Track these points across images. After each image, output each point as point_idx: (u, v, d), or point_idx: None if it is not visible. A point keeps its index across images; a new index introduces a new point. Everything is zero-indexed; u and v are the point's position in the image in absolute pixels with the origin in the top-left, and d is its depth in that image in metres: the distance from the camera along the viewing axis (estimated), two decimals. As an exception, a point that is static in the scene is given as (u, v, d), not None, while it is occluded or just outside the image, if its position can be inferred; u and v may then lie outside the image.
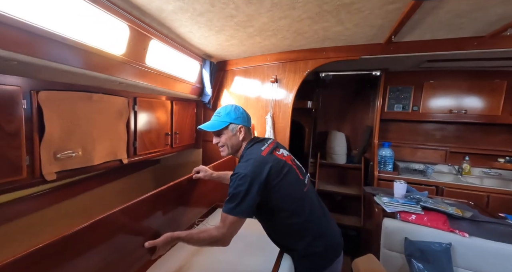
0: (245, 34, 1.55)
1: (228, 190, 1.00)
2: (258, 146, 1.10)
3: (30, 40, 0.76)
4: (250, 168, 0.98)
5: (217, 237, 0.97)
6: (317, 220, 1.08)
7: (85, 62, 0.97)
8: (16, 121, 0.91)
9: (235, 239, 1.02)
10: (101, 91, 1.24)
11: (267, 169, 0.99)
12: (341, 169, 3.05)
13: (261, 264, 1.19)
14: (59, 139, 1.07)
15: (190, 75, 1.80)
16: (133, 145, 1.49)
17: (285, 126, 2.05)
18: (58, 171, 1.08)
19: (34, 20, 0.76)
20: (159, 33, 1.30)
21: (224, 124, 1.11)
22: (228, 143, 1.13)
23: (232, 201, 0.96)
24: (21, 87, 0.91)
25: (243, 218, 0.98)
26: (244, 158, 1.08)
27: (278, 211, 1.03)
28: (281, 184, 1.01)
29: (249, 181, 0.96)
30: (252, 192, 0.96)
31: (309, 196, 1.11)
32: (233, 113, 1.12)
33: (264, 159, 1.03)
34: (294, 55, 1.99)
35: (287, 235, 1.08)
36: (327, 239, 1.09)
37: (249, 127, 1.17)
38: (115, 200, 1.82)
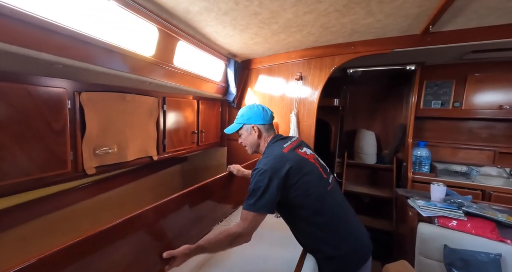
0: (270, 31, 1.54)
1: (249, 186, 1.01)
2: (280, 143, 1.11)
3: (72, 45, 0.83)
4: (270, 164, 0.99)
5: (237, 233, 0.97)
6: (341, 221, 1.05)
7: (120, 64, 1.04)
8: (62, 120, 1.00)
9: (258, 237, 1.02)
10: (133, 91, 1.32)
11: (287, 166, 0.98)
12: (370, 169, 2.89)
13: (283, 263, 1.17)
14: (98, 136, 1.16)
15: (215, 74, 1.83)
16: (162, 143, 1.56)
17: (310, 124, 2.00)
18: (97, 166, 1.17)
19: (76, 26, 0.83)
20: (186, 34, 1.34)
21: (238, 126, 1.18)
22: (247, 143, 1.19)
23: (252, 197, 0.97)
24: (66, 89, 1.00)
25: (263, 213, 0.98)
26: (266, 154, 1.09)
27: (299, 209, 1.02)
28: (301, 181, 0.99)
29: (269, 176, 0.96)
30: (271, 187, 0.95)
31: (333, 195, 1.08)
32: (246, 114, 1.18)
33: (284, 155, 1.03)
34: (319, 51, 1.92)
35: (310, 235, 1.06)
36: (353, 242, 1.04)
37: (265, 124, 1.18)
38: (147, 194, 1.94)
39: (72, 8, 0.79)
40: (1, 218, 1.06)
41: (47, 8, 0.72)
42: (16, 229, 1.13)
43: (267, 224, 1.46)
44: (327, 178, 1.10)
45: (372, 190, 2.74)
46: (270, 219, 1.59)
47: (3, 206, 1.06)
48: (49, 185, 1.04)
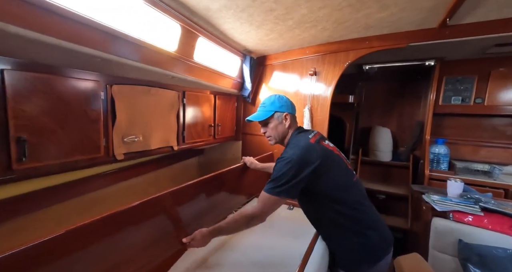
0: (285, 27, 1.59)
1: (273, 173, 1.01)
2: (305, 134, 1.11)
3: (108, 40, 0.93)
4: (298, 153, 0.99)
5: (254, 213, 1.01)
6: (368, 211, 1.06)
7: (146, 58, 1.14)
8: (97, 110, 1.12)
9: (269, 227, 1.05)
10: (157, 85, 1.43)
11: (315, 156, 0.98)
12: (386, 167, 2.86)
13: (294, 252, 1.21)
14: (126, 126, 1.28)
15: (231, 70, 1.92)
16: (182, 134, 1.66)
17: (323, 119, 2.03)
18: (125, 153, 1.29)
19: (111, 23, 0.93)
20: (205, 31, 1.43)
21: (269, 113, 1.14)
22: (275, 132, 1.16)
23: (275, 182, 0.98)
24: (100, 82, 1.12)
25: (284, 198, 0.99)
26: (292, 144, 1.09)
27: (327, 199, 1.02)
28: (331, 171, 1.01)
29: (297, 165, 0.96)
30: (298, 176, 0.96)
31: (358, 186, 1.11)
32: (277, 101, 1.15)
33: (312, 146, 1.03)
34: (334, 47, 1.95)
35: (336, 224, 1.05)
36: (379, 231, 1.05)
37: (294, 114, 1.19)
38: (167, 183, 2.05)
39: (108, 7, 0.89)
40: (44, 196, 1.20)
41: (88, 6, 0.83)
42: (56, 206, 1.27)
43: (280, 216, 1.52)
44: (351, 169, 1.13)
45: (387, 188, 2.71)
46: (284, 211, 1.64)
47: (47, 185, 1.20)
48: (85, 167, 1.16)
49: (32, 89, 0.87)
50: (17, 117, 0.84)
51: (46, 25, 0.73)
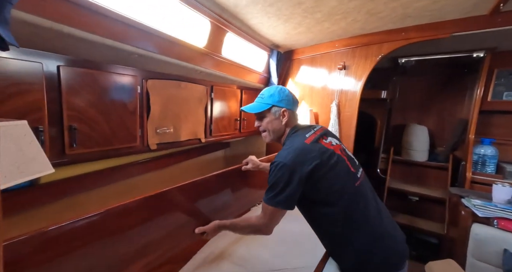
0: (313, 20, 1.56)
1: (268, 179, 0.94)
2: (302, 133, 1.00)
3: (145, 37, 1.01)
4: (290, 157, 0.90)
5: (258, 226, 0.97)
6: (371, 222, 0.92)
7: (178, 53, 1.21)
8: (134, 102, 1.22)
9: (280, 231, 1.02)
10: (187, 80, 1.50)
11: (310, 159, 0.89)
12: (420, 167, 2.66)
13: (303, 265, 1.20)
14: (158, 118, 1.37)
15: (258, 65, 1.93)
16: (209, 127, 1.73)
17: (351, 115, 1.95)
18: (157, 143, 1.39)
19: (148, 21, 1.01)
20: (233, 26, 1.47)
21: (266, 106, 1.03)
22: (270, 128, 1.05)
23: (271, 191, 0.91)
24: (137, 76, 1.22)
25: (282, 209, 0.92)
26: (286, 145, 0.99)
27: (322, 207, 0.93)
28: (327, 176, 0.90)
29: (289, 171, 0.88)
30: (292, 183, 0.87)
31: (362, 191, 0.96)
32: (277, 95, 1.03)
33: (306, 147, 0.93)
34: (365, 39, 1.85)
35: (333, 236, 0.95)
36: (385, 247, 0.91)
37: (294, 111, 1.08)
38: (195, 174, 2.16)
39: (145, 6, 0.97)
40: (89, 179, 1.35)
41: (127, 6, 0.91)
42: (98, 189, 1.42)
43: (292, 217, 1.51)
44: (355, 172, 0.99)
45: (421, 189, 2.53)
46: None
47: (91, 169, 1.35)
48: (123, 155, 1.28)
49: (81, 83, 0.98)
50: (69, 108, 0.96)
51: (93, 25, 0.82)
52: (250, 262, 1.23)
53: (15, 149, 0.56)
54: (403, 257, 0.93)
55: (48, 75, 0.88)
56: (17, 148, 0.57)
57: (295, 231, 1.54)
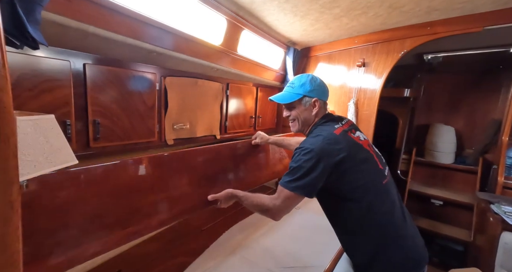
0: (331, 16, 1.52)
1: (289, 163, 0.91)
2: (331, 123, 0.98)
3: (163, 36, 1.05)
4: (319, 145, 0.87)
5: (268, 207, 0.92)
6: (395, 221, 0.89)
7: (195, 51, 1.24)
8: (153, 99, 1.27)
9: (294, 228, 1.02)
10: (203, 77, 1.54)
11: (338, 150, 0.86)
12: (445, 170, 2.51)
13: (313, 264, 1.19)
14: (176, 114, 1.42)
15: (274, 62, 1.92)
16: (224, 124, 1.76)
17: (370, 114, 1.88)
18: (174, 138, 1.43)
19: (166, 21, 1.04)
20: (249, 24, 1.47)
21: (296, 96, 1.00)
22: (300, 117, 1.02)
23: (292, 175, 0.87)
24: (156, 74, 1.26)
25: (300, 195, 0.87)
26: (314, 133, 0.96)
27: (346, 201, 0.89)
28: (355, 170, 0.87)
29: (316, 157, 0.84)
30: (316, 170, 0.84)
31: (388, 190, 0.93)
32: (308, 84, 1.00)
33: (336, 138, 0.90)
34: (387, 35, 1.77)
35: (354, 232, 0.92)
36: (406, 247, 0.88)
37: (325, 101, 1.05)
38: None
39: (164, 5, 1.00)
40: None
41: (147, 5, 0.95)
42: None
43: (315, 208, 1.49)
44: (383, 169, 0.96)
45: (446, 193, 2.38)
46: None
47: (113, 162, 1.43)
48: (142, 149, 1.34)
49: (104, 80, 1.04)
50: (94, 104, 1.03)
51: (116, 25, 0.86)
52: (262, 258, 1.24)
53: (44, 140, 0.61)
54: (423, 261, 0.90)
55: (75, 72, 0.95)
56: (46, 140, 0.62)
57: (309, 228, 1.53)
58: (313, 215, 1.66)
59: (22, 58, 0.80)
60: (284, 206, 0.90)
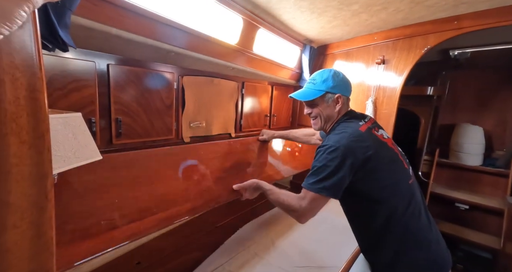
0: (349, 12, 1.48)
1: (312, 163, 0.87)
2: (355, 120, 0.95)
3: (181, 36, 1.08)
4: (345, 142, 0.83)
5: (294, 207, 0.88)
6: (420, 224, 0.85)
7: (212, 51, 1.26)
8: (171, 97, 1.31)
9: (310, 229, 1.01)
10: (219, 76, 1.56)
11: (365, 147, 0.82)
12: (472, 172, 2.37)
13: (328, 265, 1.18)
14: (192, 112, 1.45)
15: (290, 61, 1.91)
16: (239, 123, 1.78)
17: (389, 113, 1.82)
18: (191, 136, 1.47)
19: (183, 20, 1.06)
20: (265, 22, 1.47)
21: (319, 93, 0.96)
22: (323, 115, 0.99)
23: (316, 175, 0.83)
24: (173, 73, 1.30)
25: (326, 196, 0.83)
26: (337, 130, 0.92)
27: (370, 201, 0.85)
28: (381, 169, 0.83)
29: (342, 155, 0.80)
30: (343, 168, 0.80)
31: (414, 191, 0.89)
32: (331, 80, 0.95)
33: (362, 135, 0.86)
34: (409, 30, 1.70)
35: (376, 234, 0.87)
36: (431, 252, 0.84)
37: (348, 97, 1.01)
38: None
39: (180, 5, 1.03)
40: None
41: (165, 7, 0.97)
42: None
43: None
44: (408, 169, 0.92)
45: (472, 197, 2.25)
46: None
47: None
48: (160, 146, 1.38)
49: (126, 79, 1.09)
50: (116, 102, 1.08)
51: (137, 26, 0.90)
52: (276, 257, 1.24)
53: (72, 137, 0.65)
54: (446, 266, 0.87)
55: (100, 72, 1.00)
56: (74, 136, 0.66)
57: (325, 228, 1.51)
58: (329, 214, 1.63)
59: (54, 60, 0.86)
60: (309, 208, 0.85)
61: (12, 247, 0.28)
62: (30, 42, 0.28)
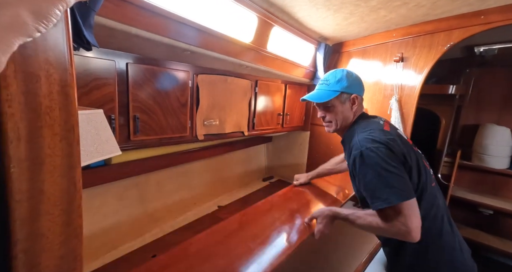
0: (367, 8, 1.44)
1: (363, 179, 0.76)
2: (374, 120, 0.91)
3: (196, 35, 1.09)
4: (378, 136, 0.76)
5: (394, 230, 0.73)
6: (444, 228, 0.82)
7: (226, 49, 1.27)
8: (185, 95, 1.34)
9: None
10: (233, 75, 1.57)
11: (398, 145, 0.77)
12: (498, 175, 2.24)
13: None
14: (206, 110, 1.47)
15: (304, 59, 1.89)
16: (252, 121, 1.78)
17: (407, 113, 1.75)
18: (204, 134, 1.49)
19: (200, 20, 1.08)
20: (280, 20, 1.46)
21: (333, 94, 0.90)
22: (338, 117, 0.93)
23: (381, 186, 0.72)
24: (189, 72, 1.33)
25: (412, 198, 0.72)
26: (358, 130, 0.86)
27: None
28: (411, 167, 0.78)
29: (387, 149, 0.73)
30: (396, 161, 0.73)
31: (437, 194, 0.85)
32: (345, 79, 0.91)
33: (391, 132, 0.82)
34: (430, 26, 1.63)
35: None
36: (454, 257, 0.81)
37: (362, 96, 0.96)
38: (238, 165, 2.27)
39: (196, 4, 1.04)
40: (148, 163, 1.54)
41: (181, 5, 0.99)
42: (156, 172, 1.61)
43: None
44: (430, 171, 0.89)
45: (498, 202, 2.13)
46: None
47: (149, 155, 1.54)
48: (175, 143, 1.42)
49: (143, 78, 1.12)
50: (134, 100, 1.11)
51: (155, 26, 0.93)
52: None
53: (95, 132, 0.68)
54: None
55: (119, 71, 1.04)
56: (96, 132, 0.69)
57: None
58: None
59: (77, 59, 0.90)
60: (411, 221, 0.71)
61: (46, 232, 0.30)
62: (63, 40, 0.29)
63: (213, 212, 1.78)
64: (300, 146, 2.34)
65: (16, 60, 0.25)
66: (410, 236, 0.72)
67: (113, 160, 1.34)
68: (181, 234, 1.48)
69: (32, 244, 0.29)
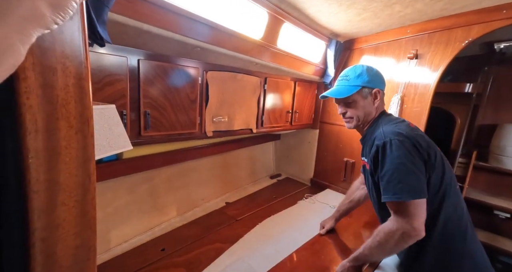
0: (381, 4, 1.39)
1: (382, 169, 0.74)
2: (400, 118, 0.90)
3: (206, 32, 1.09)
4: (404, 131, 0.74)
5: (401, 231, 0.72)
6: (465, 232, 0.78)
7: (237, 46, 1.26)
8: (195, 92, 1.34)
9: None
10: (242, 71, 1.56)
11: (425, 141, 0.75)
12: (513, 178, 2.15)
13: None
14: (215, 107, 1.48)
15: (314, 56, 1.86)
16: (260, 118, 1.78)
17: (421, 111, 1.70)
18: (213, 130, 1.50)
19: (211, 16, 1.08)
20: (290, 16, 1.44)
21: (354, 89, 0.88)
22: (359, 113, 0.91)
23: (395, 180, 0.70)
24: (198, 68, 1.33)
25: (422, 198, 0.71)
26: (381, 124, 0.84)
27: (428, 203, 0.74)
28: (434, 166, 0.75)
29: (411, 144, 0.71)
30: (417, 158, 0.71)
31: (460, 195, 0.82)
32: (366, 74, 0.90)
33: (417, 128, 0.81)
34: (447, 22, 1.57)
35: (420, 242, 0.76)
36: (475, 262, 0.78)
37: (384, 91, 0.95)
38: (245, 162, 2.27)
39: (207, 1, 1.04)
40: (158, 158, 1.56)
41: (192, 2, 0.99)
42: (166, 168, 1.63)
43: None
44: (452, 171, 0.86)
45: (513, 206, 2.05)
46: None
47: (159, 150, 1.56)
48: (184, 139, 1.43)
49: (154, 74, 1.13)
50: (145, 96, 1.13)
51: (166, 22, 0.93)
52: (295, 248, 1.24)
53: (107, 127, 0.70)
54: None
55: (131, 67, 1.05)
56: (108, 127, 0.70)
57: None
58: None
59: (91, 55, 0.92)
60: (416, 218, 0.71)
61: (61, 222, 0.31)
62: (78, 33, 0.30)
63: (221, 208, 1.79)
64: (308, 144, 2.32)
65: (34, 53, 0.26)
66: (413, 233, 0.70)
67: (124, 154, 1.37)
68: (190, 229, 1.50)
69: (49, 234, 0.30)
